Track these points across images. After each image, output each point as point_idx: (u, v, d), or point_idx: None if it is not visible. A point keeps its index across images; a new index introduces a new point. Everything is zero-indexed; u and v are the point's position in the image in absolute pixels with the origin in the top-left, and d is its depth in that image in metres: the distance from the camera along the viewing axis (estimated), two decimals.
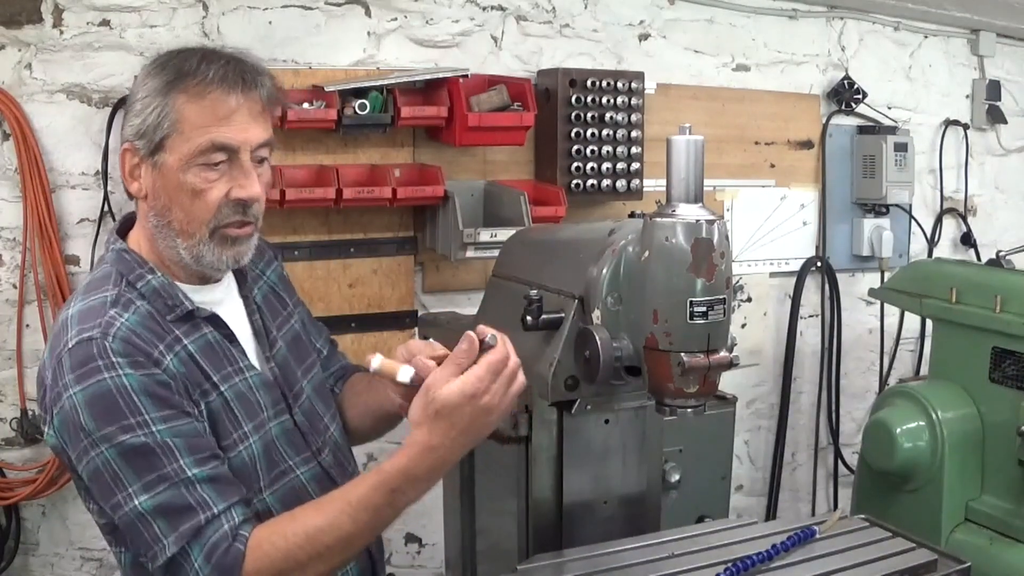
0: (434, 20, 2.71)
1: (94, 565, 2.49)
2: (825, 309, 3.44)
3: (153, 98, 1.44)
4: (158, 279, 1.49)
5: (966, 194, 3.68)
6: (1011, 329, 2.38)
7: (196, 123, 1.43)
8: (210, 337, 1.51)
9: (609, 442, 1.75)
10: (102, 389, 1.35)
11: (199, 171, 1.44)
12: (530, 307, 1.56)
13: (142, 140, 1.45)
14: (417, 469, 1.34)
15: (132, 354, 1.38)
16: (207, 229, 1.47)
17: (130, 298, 1.46)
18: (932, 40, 3.56)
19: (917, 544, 1.61)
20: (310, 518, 1.36)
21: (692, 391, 1.45)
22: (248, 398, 1.52)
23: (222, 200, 1.46)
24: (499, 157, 2.78)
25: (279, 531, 1.36)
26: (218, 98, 1.43)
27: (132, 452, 1.34)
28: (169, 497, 1.34)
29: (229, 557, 1.32)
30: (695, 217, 1.42)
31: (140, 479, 1.34)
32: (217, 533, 1.34)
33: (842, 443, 3.51)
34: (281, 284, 1.76)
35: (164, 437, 1.36)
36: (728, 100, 3.16)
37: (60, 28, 2.33)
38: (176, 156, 1.44)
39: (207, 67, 1.44)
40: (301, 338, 1.72)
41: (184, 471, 1.35)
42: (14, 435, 2.40)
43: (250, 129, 1.46)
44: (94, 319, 1.41)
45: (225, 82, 1.44)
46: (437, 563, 2.80)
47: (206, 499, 1.35)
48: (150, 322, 1.44)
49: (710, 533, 1.69)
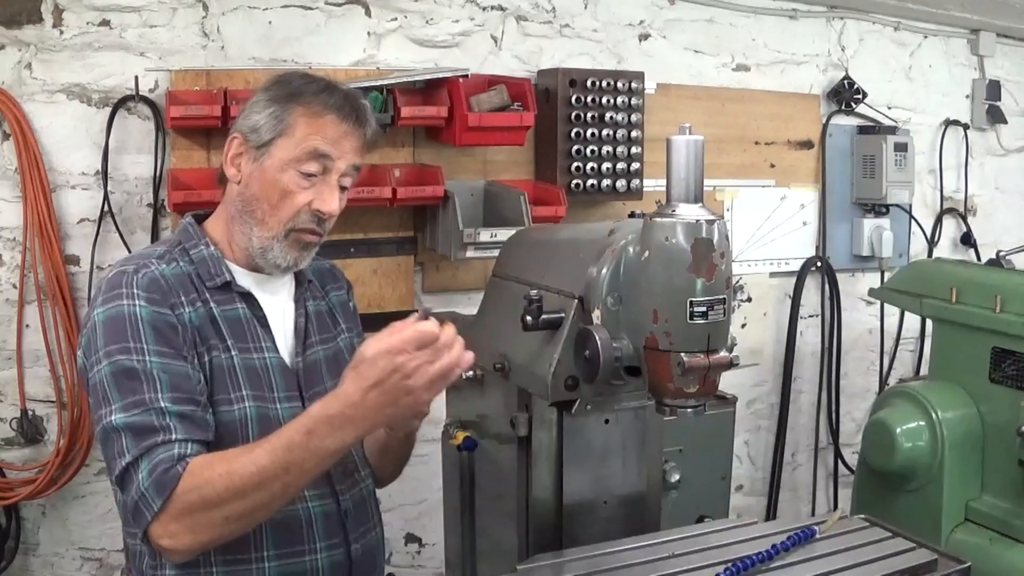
0: (434, 20, 2.71)
1: (94, 565, 2.49)
2: (825, 309, 3.44)
3: (272, 103, 1.63)
4: (209, 251, 1.65)
5: (966, 194, 3.68)
6: (1011, 329, 2.38)
7: (307, 133, 1.61)
8: (241, 312, 1.64)
9: (609, 442, 1.75)
10: (118, 312, 1.51)
11: (295, 175, 1.61)
12: (530, 307, 1.56)
13: (254, 134, 1.62)
14: (330, 411, 1.40)
15: (152, 291, 1.54)
16: (284, 228, 1.63)
17: (175, 257, 1.63)
18: (932, 40, 3.56)
19: (917, 544, 1.61)
20: (236, 454, 1.43)
21: (692, 391, 1.45)
22: (257, 372, 1.62)
23: (304, 207, 1.62)
24: (499, 157, 2.78)
25: (211, 462, 1.43)
26: (332, 121, 1.62)
27: (123, 373, 1.48)
28: (140, 419, 1.45)
29: (167, 476, 1.41)
30: (695, 217, 1.42)
31: (122, 399, 1.46)
32: (166, 453, 1.43)
33: (842, 443, 3.51)
34: (340, 309, 1.85)
35: (153, 368, 1.48)
36: (728, 100, 3.16)
37: (60, 28, 2.34)
38: (279, 156, 1.61)
39: (329, 95, 1.63)
40: (343, 357, 1.76)
41: (159, 401, 1.46)
42: (14, 435, 2.40)
43: (348, 155, 1.64)
44: (135, 261, 1.60)
45: (341, 111, 1.63)
46: (437, 563, 2.80)
47: (170, 426, 1.45)
48: (184, 279, 1.60)
49: (710, 533, 1.69)
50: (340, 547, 1.66)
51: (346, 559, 1.67)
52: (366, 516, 1.75)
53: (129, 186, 2.44)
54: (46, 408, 2.41)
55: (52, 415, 2.41)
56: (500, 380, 1.72)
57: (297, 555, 1.61)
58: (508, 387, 1.73)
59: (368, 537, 1.74)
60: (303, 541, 1.62)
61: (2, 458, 2.38)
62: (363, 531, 1.72)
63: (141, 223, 2.45)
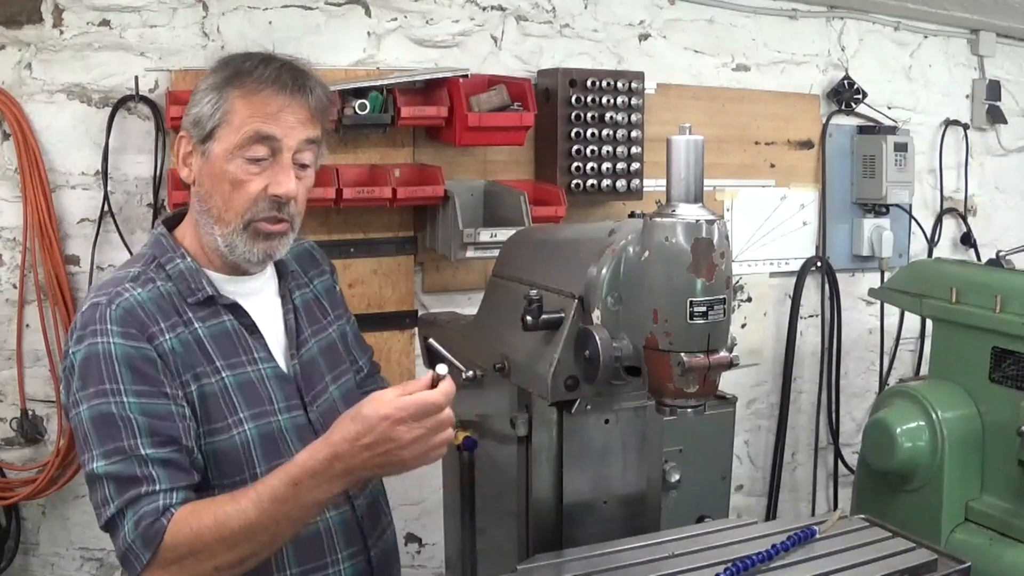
0: (434, 20, 2.71)
1: (94, 565, 2.49)
2: (825, 309, 3.44)
3: (210, 92, 1.54)
4: (186, 263, 1.57)
5: (966, 194, 3.68)
6: (1011, 329, 2.38)
7: (245, 116, 1.51)
8: (228, 325, 1.57)
9: (609, 442, 1.75)
10: (92, 352, 1.45)
11: (242, 163, 1.52)
12: (530, 307, 1.56)
13: (196, 128, 1.55)
14: (317, 465, 1.37)
15: (127, 324, 1.46)
16: (242, 220, 1.54)
17: (151, 276, 1.54)
18: (932, 40, 3.56)
19: (917, 544, 1.61)
20: (223, 503, 1.40)
21: (692, 391, 1.45)
22: (254, 387, 1.56)
23: (259, 194, 1.53)
24: (499, 157, 2.78)
25: (197, 512, 1.41)
26: (268, 96, 1.52)
27: (100, 418, 1.42)
28: (121, 468, 1.41)
29: (153, 529, 1.38)
30: (695, 217, 1.42)
31: (102, 446, 1.42)
32: (151, 505, 1.40)
33: (842, 443, 3.51)
34: (327, 296, 1.80)
35: (131, 411, 1.42)
36: (728, 100, 3.16)
37: (60, 28, 2.33)
38: (223, 146, 1.52)
39: (263, 68, 1.54)
40: (336, 347, 1.74)
41: (139, 448, 1.41)
42: (14, 435, 2.40)
43: (295, 129, 1.54)
44: (108, 288, 1.51)
45: (277, 83, 1.53)
46: (437, 563, 2.81)
47: (153, 476, 1.41)
48: (163, 301, 1.52)
49: (710, 533, 1.69)
50: (361, 554, 1.65)
51: (367, 566, 1.65)
52: (379, 516, 1.75)
53: (129, 186, 2.44)
54: (46, 408, 2.41)
55: (52, 415, 2.41)
56: (500, 380, 1.72)
57: (321, 569, 1.59)
58: (508, 387, 1.73)
59: (384, 538, 1.74)
60: (325, 554, 1.60)
61: (2, 458, 2.38)
62: (379, 533, 1.72)
63: (141, 223, 2.45)
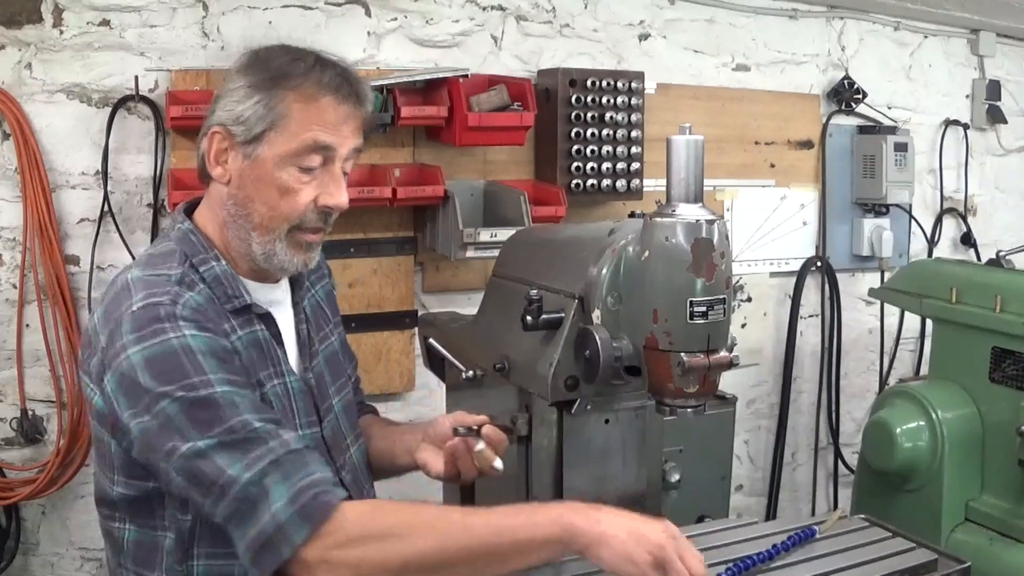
0: (434, 20, 2.71)
1: (94, 565, 2.49)
2: (825, 309, 3.44)
3: (256, 90, 1.43)
4: (222, 267, 1.48)
5: (966, 194, 3.68)
6: (1011, 329, 2.38)
7: (303, 122, 1.43)
8: (260, 335, 1.49)
9: (609, 442, 1.75)
10: (166, 348, 1.32)
11: (295, 171, 1.44)
12: (530, 307, 1.56)
13: (240, 127, 1.44)
14: (579, 521, 1.33)
15: (201, 320, 1.37)
16: (287, 228, 1.47)
17: (193, 280, 1.44)
18: (932, 40, 3.56)
19: (917, 544, 1.61)
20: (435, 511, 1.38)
21: (692, 391, 1.45)
22: (284, 402, 1.50)
23: (309, 204, 1.46)
24: (499, 157, 2.78)
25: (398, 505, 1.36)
26: (329, 104, 1.44)
27: (195, 404, 1.30)
28: (233, 438, 1.29)
29: (320, 501, 1.27)
30: (695, 217, 1.42)
31: (204, 425, 1.29)
32: (310, 476, 1.29)
33: (842, 443, 3.51)
34: (327, 301, 1.76)
35: (228, 396, 1.31)
36: (728, 100, 3.16)
37: (60, 28, 2.33)
38: (275, 151, 1.43)
39: (320, 72, 1.44)
40: (338, 357, 1.72)
41: (251, 424, 1.30)
42: (14, 435, 2.40)
43: (348, 139, 1.47)
44: (162, 288, 1.39)
45: (340, 92, 1.45)
46: None
47: (283, 437, 1.31)
48: (212, 305, 1.43)
49: (710, 533, 1.69)
50: None
51: None
52: (360, 491, 1.70)
53: (129, 186, 2.44)
54: (46, 408, 2.41)
55: (52, 415, 2.41)
56: (500, 380, 1.72)
57: None
58: (508, 387, 1.73)
59: None
60: None
61: (2, 458, 2.38)
62: None
63: (141, 223, 2.45)
